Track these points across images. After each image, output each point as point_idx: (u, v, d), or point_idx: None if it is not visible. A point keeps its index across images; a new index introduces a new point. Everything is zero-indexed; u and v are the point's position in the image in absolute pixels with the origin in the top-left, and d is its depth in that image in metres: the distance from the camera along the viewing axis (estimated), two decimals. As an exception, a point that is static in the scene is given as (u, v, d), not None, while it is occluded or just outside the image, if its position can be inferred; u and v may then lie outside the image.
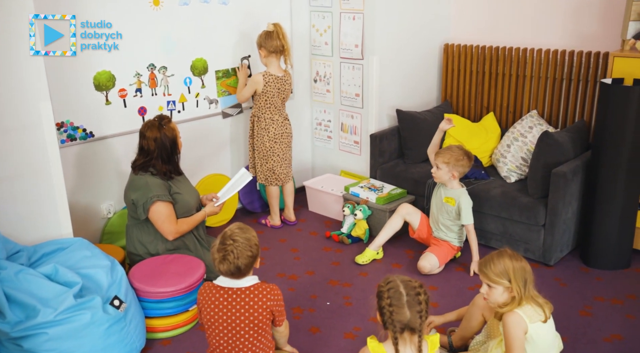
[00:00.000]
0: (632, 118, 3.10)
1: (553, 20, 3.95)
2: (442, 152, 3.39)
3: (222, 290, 2.21)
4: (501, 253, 2.29)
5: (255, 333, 2.19)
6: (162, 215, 3.00)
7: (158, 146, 3.04)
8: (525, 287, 2.22)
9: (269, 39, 3.73)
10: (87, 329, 2.32)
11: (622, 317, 2.91)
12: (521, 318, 2.19)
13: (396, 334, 1.96)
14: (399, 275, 2.05)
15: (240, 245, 2.15)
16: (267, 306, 2.20)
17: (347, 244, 3.82)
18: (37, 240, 2.79)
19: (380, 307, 1.99)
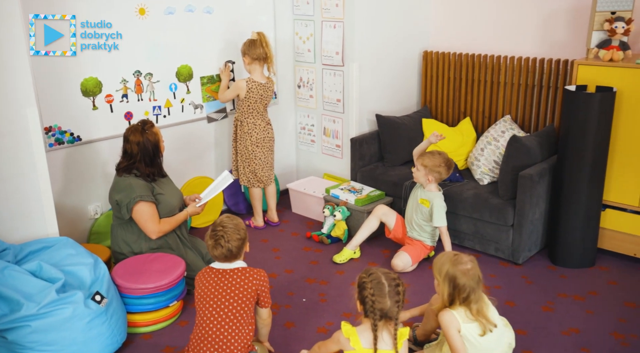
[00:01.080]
0: (594, 123, 3.25)
1: (525, 29, 4.11)
2: (425, 155, 3.53)
3: (215, 271, 2.48)
4: (449, 257, 2.37)
5: (240, 309, 2.41)
6: (144, 214, 3.14)
7: (141, 150, 3.19)
8: (455, 295, 2.29)
9: (253, 46, 3.88)
10: (68, 322, 2.46)
11: (582, 312, 3.05)
12: (453, 317, 2.31)
13: (376, 321, 2.12)
14: (378, 267, 2.21)
15: (230, 230, 2.42)
16: (253, 285, 2.44)
17: (326, 244, 3.96)
18: (24, 239, 2.93)
19: (363, 296, 2.15)
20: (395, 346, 2.15)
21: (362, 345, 2.16)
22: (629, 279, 3.37)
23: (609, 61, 3.35)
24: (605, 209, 3.54)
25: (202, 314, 2.44)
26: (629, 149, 3.37)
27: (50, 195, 3.00)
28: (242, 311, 2.43)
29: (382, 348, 2.15)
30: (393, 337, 2.15)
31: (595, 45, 3.47)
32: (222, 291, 2.43)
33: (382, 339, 2.16)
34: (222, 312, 2.41)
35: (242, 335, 2.42)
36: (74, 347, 2.49)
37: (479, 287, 2.31)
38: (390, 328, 2.16)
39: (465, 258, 2.34)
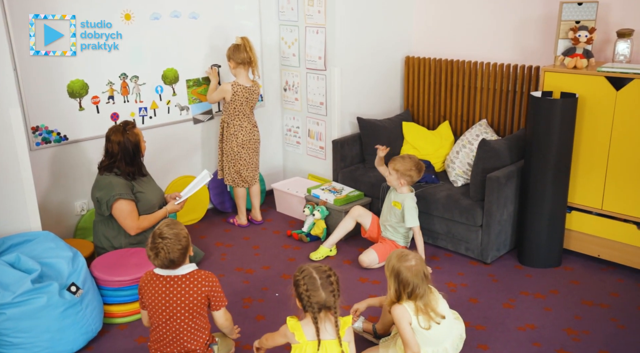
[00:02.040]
0: (556, 128, 3.37)
1: (501, 36, 4.23)
2: (397, 159, 3.66)
3: (161, 277, 2.46)
4: (397, 254, 2.49)
5: (191, 316, 2.45)
6: (123, 212, 3.29)
7: (122, 149, 3.34)
8: (401, 290, 2.43)
9: (237, 51, 4.03)
10: (43, 311, 2.61)
11: (541, 309, 3.17)
12: (405, 310, 2.43)
13: (315, 314, 2.25)
14: (310, 263, 2.34)
15: (170, 242, 2.39)
16: (203, 291, 2.45)
17: (305, 242, 4.11)
18: (8, 233, 3.09)
19: (299, 293, 2.27)
20: (338, 335, 2.28)
21: (307, 338, 2.28)
22: (590, 279, 3.48)
23: (573, 68, 3.47)
24: (571, 211, 3.65)
25: (154, 320, 2.47)
26: (592, 154, 3.49)
27: (33, 192, 3.16)
28: (194, 316, 2.45)
29: (325, 338, 2.28)
30: (335, 327, 2.28)
31: (561, 52, 3.58)
32: (170, 299, 2.41)
33: (325, 330, 2.28)
34: (173, 319, 2.43)
35: (198, 335, 2.48)
36: (47, 334, 2.64)
37: (423, 283, 2.43)
38: (331, 319, 2.28)
39: (410, 256, 2.46)
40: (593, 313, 3.11)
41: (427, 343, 2.48)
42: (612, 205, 3.48)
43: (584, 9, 3.50)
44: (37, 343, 2.63)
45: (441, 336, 2.50)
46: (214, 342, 2.58)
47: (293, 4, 4.55)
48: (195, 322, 2.48)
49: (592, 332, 2.95)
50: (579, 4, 3.51)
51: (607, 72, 3.32)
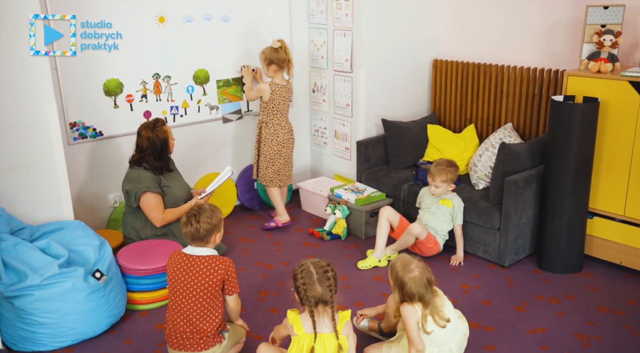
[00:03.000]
0: (577, 133, 3.36)
1: (528, 40, 4.22)
2: (435, 173, 3.70)
3: (185, 256, 2.63)
4: (402, 263, 2.52)
5: (206, 296, 2.59)
6: (150, 204, 3.46)
7: (150, 144, 3.51)
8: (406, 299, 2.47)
9: (277, 53, 4.09)
10: (68, 294, 2.79)
11: (553, 313, 3.16)
12: (414, 310, 2.48)
13: (312, 308, 2.34)
14: (311, 258, 2.43)
15: (204, 213, 2.60)
16: (219, 274, 2.59)
17: (326, 240, 4.20)
18: (42, 221, 3.30)
19: (296, 286, 2.36)
20: (335, 329, 2.36)
21: (305, 331, 2.37)
22: (609, 286, 3.44)
23: (597, 72, 3.44)
24: (593, 217, 3.62)
25: (172, 296, 2.65)
26: (614, 159, 3.45)
27: (67, 183, 3.36)
28: (208, 297, 2.58)
29: (323, 331, 2.36)
30: (332, 320, 2.36)
31: (586, 56, 3.56)
32: (188, 277, 2.57)
33: (323, 323, 2.37)
34: (189, 296, 2.57)
35: (210, 317, 2.62)
36: (72, 316, 2.82)
37: (428, 291, 2.47)
38: (328, 313, 2.36)
39: (413, 265, 2.49)
40: (607, 320, 3.09)
41: (432, 344, 2.53)
42: (634, 211, 3.44)
43: (610, 12, 3.47)
44: (63, 323, 2.81)
45: (447, 337, 2.54)
46: (225, 329, 2.70)
47: (322, 8, 4.65)
48: (209, 303, 2.61)
49: (603, 338, 2.93)
50: (605, 7, 3.49)
51: (630, 76, 3.29)
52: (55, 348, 2.87)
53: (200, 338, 2.60)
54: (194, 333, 2.60)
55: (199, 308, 2.60)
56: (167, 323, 2.67)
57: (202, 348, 2.60)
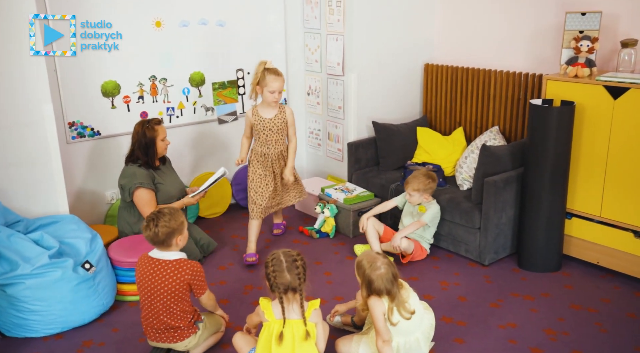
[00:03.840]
0: (553, 135, 3.45)
1: (515, 45, 4.32)
2: (410, 181, 3.81)
3: (151, 260, 2.70)
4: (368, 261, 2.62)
5: (173, 299, 2.67)
6: (143, 199, 3.61)
7: (138, 139, 3.67)
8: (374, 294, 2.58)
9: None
10: (57, 283, 2.95)
11: (526, 310, 3.26)
12: (380, 302, 2.59)
13: (281, 294, 2.47)
14: (281, 248, 2.57)
15: (163, 218, 2.65)
16: (185, 279, 2.66)
17: (315, 238, 4.32)
18: (39, 215, 3.47)
19: (267, 274, 2.50)
20: (304, 316, 2.49)
21: (275, 317, 2.51)
22: (585, 285, 3.53)
23: (574, 77, 3.54)
24: (572, 218, 3.71)
25: (142, 298, 2.71)
26: (591, 161, 3.54)
27: (62, 180, 3.53)
28: (176, 298, 2.66)
29: (291, 318, 2.50)
30: (300, 308, 2.49)
31: (565, 61, 3.66)
32: (155, 281, 2.64)
33: (292, 310, 2.50)
34: (157, 298, 2.65)
35: (179, 315, 2.70)
36: (61, 304, 2.98)
37: (394, 286, 2.59)
38: (297, 300, 2.49)
39: (379, 262, 2.60)
40: (578, 317, 3.18)
41: (398, 334, 2.65)
42: (610, 212, 3.52)
43: (587, 19, 3.57)
44: (52, 311, 2.97)
45: (412, 327, 2.66)
46: (200, 320, 2.83)
47: (316, 13, 4.79)
48: (177, 304, 2.70)
49: (571, 334, 3.02)
50: (582, 14, 3.58)
51: (605, 81, 3.38)
52: (45, 334, 3.03)
53: (175, 332, 2.73)
54: (167, 329, 2.73)
55: (167, 309, 2.68)
56: (143, 319, 2.78)
57: (177, 340, 2.73)
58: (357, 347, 2.73)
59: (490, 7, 4.44)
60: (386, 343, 2.59)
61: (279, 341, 2.47)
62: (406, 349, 2.66)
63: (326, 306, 3.33)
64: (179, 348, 2.75)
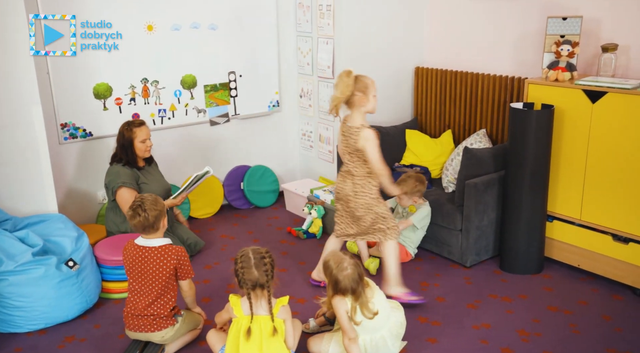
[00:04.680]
0: (532, 139, 3.49)
1: (502, 49, 4.35)
2: (400, 184, 3.85)
3: (138, 247, 2.81)
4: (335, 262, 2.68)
5: (160, 283, 2.80)
6: (124, 200, 3.69)
7: (119, 138, 3.79)
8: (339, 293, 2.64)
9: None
10: (40, 280, 3.04)
11: (502, 311, 3.29)
12: (343, 301, 2.66)
13: (249, 290, 2.54)
14: (251, 246, 2.63)
15: (148, 201, 2.78)
16: (171, 263, 2.79)
17: (302, 239, 4.39)
18: (28, 213, 3.57)
19: (235, 270, 2.57)
20: (271, 312, 2.55)
21: (243, 313, 2.58)
22: (565, 287, 3.55)
23: (555, 81, 3.57)
24: (553, 221, 3.74)
25: (131, 284, 2.86)
26: (571, 165, 3.57)
27: (51, 179, 3.62)
28: (162, 283, 2.79)
29: (259, 313, 2.57)
30: (268, 304, 2.55)
31: (546, 66, 3.69)
32: (144, 267, 2.77)
33: (260, 306, 2.57)
34: (146, 284, 2.78)
35: (164, 301, 2.83)
36: (45, 301, 3.07)
37: (359, 285, 2.64)
38: (265, 296, 2.55)
39: (345, 263, 2.66)
40: (553, 318, 3.21)
41: (364, 332, 2.70)
42: (590, 215, 3.55)
43: (568, 23, 3.60)
44: (36, 307, 3.06)
45: (377, 325, 2.71)
46: (179, 314, 2.91)
47: (308, 17, 4.86)
48: (163, 289, 2.82)
49: (544, 335, 3.05)
50: (563, 19, 3.61)
51: (583, 85, 3.41)
52: (29, 330, 3.12)
53: (154, 320, 2.82)
54: (148, 316, 2.82)
55: (155, 293, 2.81)
56: (127, 306, 2.89)
57: (155, 330, 2.82)
58: (328, 345, 2.79)
59: (478, 11, 4.48)
60: (352, 341, 2.65)
61: (247, 336, 2.53)
62: (373, 347, 2.72)
63: (306, 305, 3.40)
64: (155, 338, 2.84)
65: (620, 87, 3.24)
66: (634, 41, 3.55)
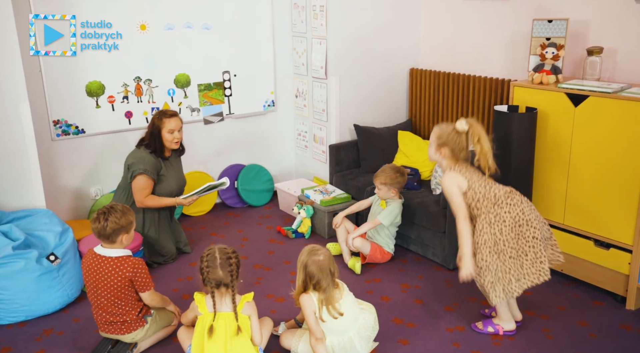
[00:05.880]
0: (514, 141, 3.47)
1: (494, 51, 4.33)
2: (379, 175, 3.87)
3: (95, 255, 2.79)
4: (308, 249, 2.71)
5: (117, 295, 2.77)
6: (139, 185, 3.73)
7: (150, 125, 3.83)
8: (307, 281, 2.65)
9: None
10: (20, 273, 3.10)
11: (479, 314, 3.28)
12: (310, 299, 2.67)
13: (213, 289, 2.57)
14: (218, 244, 2.66)
15: (114, 213, 2.75)
16: (126, 276, 2.74)
17: (290, 238, 4.41)
18: (16, 208, 3.65)
19: (200, 268, 2.60)
20: (235, 309, 2.58)
21: (207, 310, 2.60)
22: (546, 292, 3.52)
23: (539, 84, 3.54)
24: (537, 224, 3.71)
25: (88, 293, 2.82)
26: (554, 168, 3.54)
27: (39, 175, 3.69)
28: (119, 294, 2.75)
29: (223, 310, 2.59)
30: (232, 302, 2.58)
31: (532, 68, 3.66)
32: (98, 276, 2.73)
33: (224, 303, 2.60)
34: (101, 294, 2.75)
35: (125, 309, 2.80)
36: (24, 294, 3.13)
37: (327, 278, 2.65)
38: (230, 294, 2.58)
39: (320, 252, 2.68)
40: (528, 323, 3.19)
41: (331, 333, 2.72)
42: (572, 220, 3.52)
43: (554, 26, 3.57)
44: (16, 300, 3.13)
45: (343, 327, 2.72)
46: (149, 314, 2.94)
47: (303, 17, 4.88)
48: (121, 298, 2.81)
49: (516, 339, 3.04)
50: (549, 21, 3.58)
51: (566, 88, 3.38)
52: (10, 322, 3.19)
53: (122, 325, 2.85)
54: (116, 322, 2.84)
55: (112, 303, 2.78)
56: (92, 312, 2.91)
57: (124, 332, 2.85)
58: (298, 342, 2.81)
59: (474, 12, 4.46)
60: (319, 341, 2.66)
61: (209, 334, 2.57)
62: (341, 348, 2.73)
63: (285, 304, 3.42)
64: (125, 340, 2.87)
65: (601, 91, 3.21)
66: (621, 44, 3.51)
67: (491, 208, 2.82)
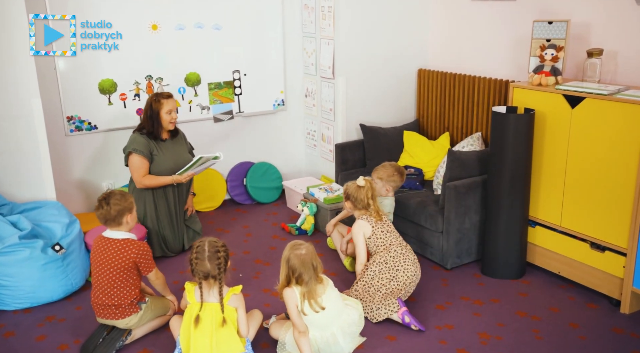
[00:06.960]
0: (511, 142, 3.48)
1: (498, 52, 4.33)
2: (378, 169, 3.91)
3: (103, 239, 2.95)
4: (292, 244, 2.79)
5: (119, 275, 2.90)
6: (133, 164, 3.85)
7: (146, 109, 3.94)
8: (290, 274, 2.72)
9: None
10: (26, 262, 3.25)
11: (469, 314, 3.30)
12: (293, 294, 2.73)
13: (200, 280, 2.66)
14: (209, 237, 2.74)
15: (114, 196, 2.90)
16: (131, 257, 2.89)
17: (294, 235, 4.49)
18: (28, 200, 3.81)
19: (190, 259, 2.69)
20: (221, 300, 2.66)
21: (195, 299, 2.70)
22: (541, 293, 3.52)
23: (539, 85, 3.54)
24: (535, 226, 3.71)
25: (93, 273, 2.98)
26: (552, 170, 3.54)
27: (50, 168, 3.85)
28: (121, 275, 2.87)
29: (209, 301, 2.68)
30: (219, 294, 2.66)
31: (532, 70, 3.66)
32: (104, 257, 2.87)
33: (211, 294, 2.68)
34: (105, 274, 2.87)
35: (124, 292, 2.91)
36: (29, 281, 3.28)
37: (309, 271, 2.71)
38: (217, 286, 2.67)
39: (303, 246, 2.75)
40: (518, 323, 3.20)
41: (313, 328, 2.78)
42: (569, 222, 3.51)
43: (554, 27, 3.56)
44: (21, 287, 3.28)
45: (325, 322, 2.78)
46: (143, 301, 3.05)
47: (312, 18, 4.96)
48: (122, 280, 2.93)
49: (504, 339, 3.05)
50: (549, 22, 3.58)
51: (563, 90, 3.38)
52: (16, 308, 3.35)
53: (117, 309, 2.96)
54: (110, 306, 2.96)
55: (111, 285, 2.90)
56: (91, 295, 3.04)
57: (119, 317, 2.97)
58: (285, 333, 2.88)
59: (481, 14, 4.47)
60: (302, 334, 2.73)
61: (195, 324, 2.66)
62: (324, 343, 2.79)
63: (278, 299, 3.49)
64: (120, 325, 2.99)
65: (598, 93, 3.20)
66: (622, 46, 3.49)
67: (383, 252, 3.35)
